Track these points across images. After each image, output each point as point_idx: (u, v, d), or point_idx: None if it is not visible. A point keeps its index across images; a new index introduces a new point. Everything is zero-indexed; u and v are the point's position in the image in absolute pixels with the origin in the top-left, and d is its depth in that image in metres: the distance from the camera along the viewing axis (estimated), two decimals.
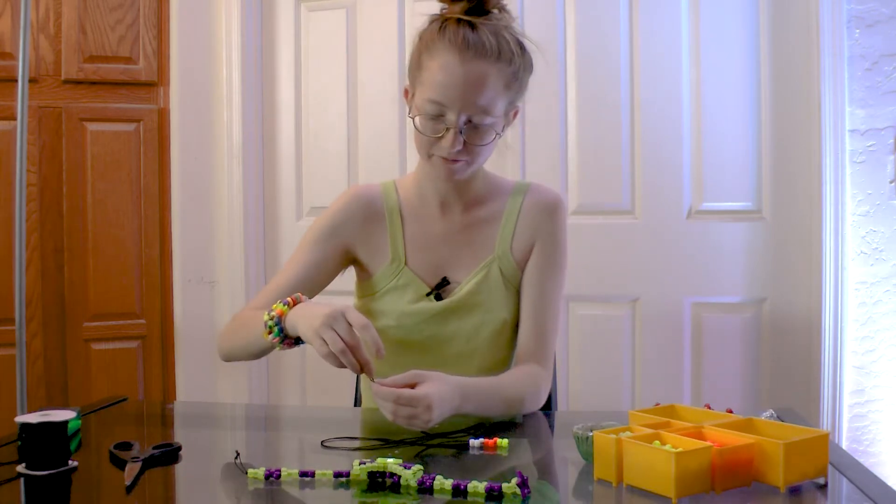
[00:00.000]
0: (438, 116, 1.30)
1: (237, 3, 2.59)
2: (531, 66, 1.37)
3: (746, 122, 2.33)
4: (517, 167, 2.44)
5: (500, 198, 1.47)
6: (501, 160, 2.44)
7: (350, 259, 1.49)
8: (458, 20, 1.30)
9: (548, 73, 2.44)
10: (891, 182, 2.20)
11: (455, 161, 1.33)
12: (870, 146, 2.20)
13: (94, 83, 2.55)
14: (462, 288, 1.43)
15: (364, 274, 1.49)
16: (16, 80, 2.24)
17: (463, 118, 1.29)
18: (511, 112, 1.38)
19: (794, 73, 2.28)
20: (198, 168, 2.63)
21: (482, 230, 1.45)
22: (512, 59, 1.31)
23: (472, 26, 1.29)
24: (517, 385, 1.36)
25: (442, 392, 1.19)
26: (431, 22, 1.34)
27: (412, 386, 1.19)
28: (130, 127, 2.59)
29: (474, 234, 1.45)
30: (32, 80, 2.42)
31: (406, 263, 1.44)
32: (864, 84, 2.20)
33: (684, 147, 2.36)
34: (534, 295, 1.44)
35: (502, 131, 1.36)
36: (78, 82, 2.54)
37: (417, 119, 1.33)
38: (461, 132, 1.30)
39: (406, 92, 1.41)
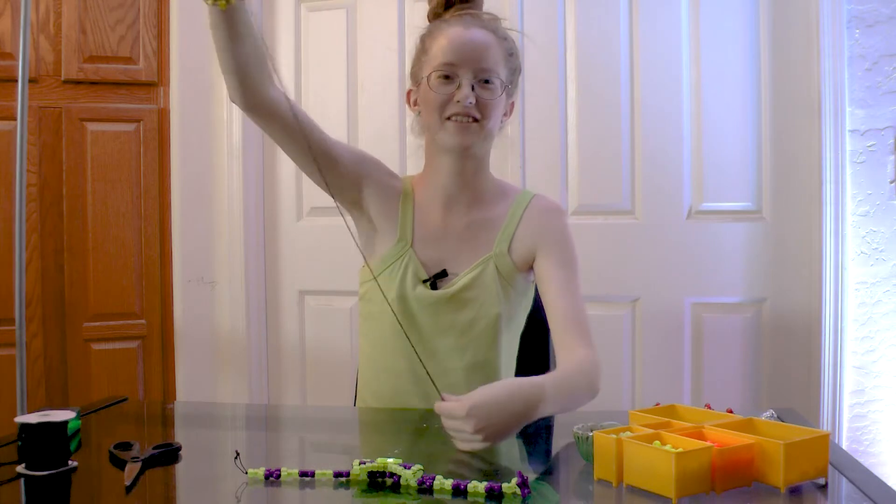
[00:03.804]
0: (450, 77, 1.39)
1: None
2: (520, 66, 1.49)
3: (746, 122, 2.33)
4: (517, 167, 2.44)
5: (504, 202, 1.49)
6: (502, 159, 2.44)
7: (355, 201, 1.48)
8: (458, 13, 1.45)
9: (548, 73, 2.44)
10: (891, 182, 2.20)
11: (468, 123, 1.38)
12: (870, 146, 2.20)
13: (94, 83, 2.55)
14: (457, 281, 1.44)
15: (370, 247, 1.49)
16: (16, 80, 2.24)
17: (472, 75, 1.38)
18: (509, 101, 1.46)
19: (794, 73, 2.28)
20: (198, 168, 2.62)
21: (484, 230, 1.47)
22: (507, 38, 1.44)
23: (471, 13, 1.44)
24: (580, 373, 1.34)
25: (484, 398, 1.13)
26: (431, 22, 1.48)
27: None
28: (130, 127, 2.59)
29: (476, 233, 1.47)
30: (32, 80, 2.42)
31: (412, 245, 1.46)
32: (864, 84, 2.20)
33: (684, 147, 2.36)
34: (557, 288, 1.43)
35: (503, 118, 1.45)
36: (78, 82, 2.53)
37: (432, 81, 1.39)
38: (473, 88, 1.38)
39: (409, 94, 1.49)
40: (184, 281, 2.63)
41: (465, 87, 1.37)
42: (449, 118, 1.38)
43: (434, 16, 1.48)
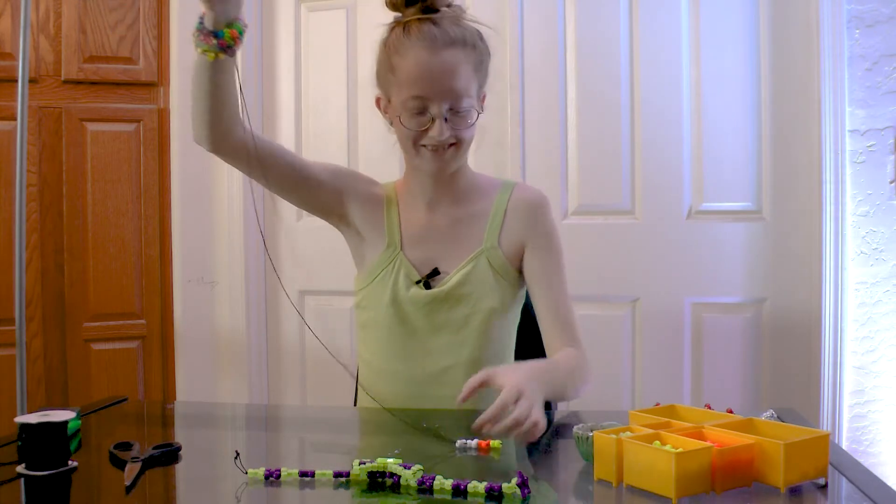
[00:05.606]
0: (422, 110, 1.36)
1: None
2: (489, 50, 1.44)
3: (746, 122, 2.33)
4: (517, 167, 2.44)
5: (486, 196, 1.50)
6: (501, 159, 2.44)
7: (341, 216, 1.50)
8: (419, 19, 1.38)
9: (548, 73, 2.44)
10: (891, 182, 2.20)
11: (444, 150, 1.38)
12: (870, 146, 2.20)
13: (94, 83, 2.55)
14: (450, 279, 1.45)
15: (360, 256, 1.51)
16: (16, 80, 2.24)
17: (445, 106, 1.35)
18: (481, 96, 1.44)
19: (794, 73, 2.28)
20: (198, 168, 2.62)
21: (471, 226, 1.48)
22: (476, 44, 1.40)
23: (433, 22, 1.37)
24: (565, 361, 1.38)
25: (521, 377, 1.17)
26: (393, 28, 1.41)
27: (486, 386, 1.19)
28: (130, 127, 2.59)
29: (463, 229, 1.48)
30: (32, 81, 2.42)
31: (402, 249, 1.46)
32: (864, 84, 2.20)
33: (684, 147, 2.36)
34: (545, 291, 1.45)
35: (479, 113, 1.43)
36: (78, 82, 2.54)
37: (402, 117, 1.38)
38: (446, 119, 1.36)
39: (378, 101, 1.47)
40: (184, 281, 2.63)
41: (438, 122, 1.35)
42: (424, 145, 1.38)
43: (392, 6, 1.42)
